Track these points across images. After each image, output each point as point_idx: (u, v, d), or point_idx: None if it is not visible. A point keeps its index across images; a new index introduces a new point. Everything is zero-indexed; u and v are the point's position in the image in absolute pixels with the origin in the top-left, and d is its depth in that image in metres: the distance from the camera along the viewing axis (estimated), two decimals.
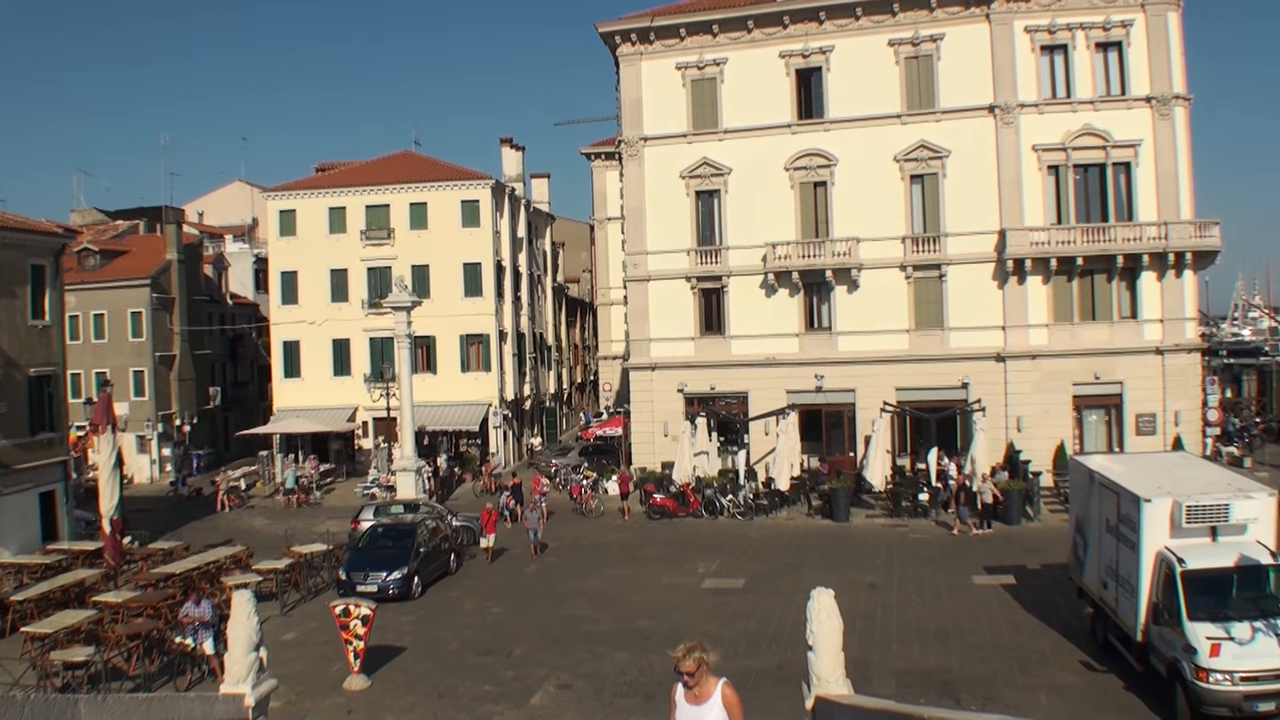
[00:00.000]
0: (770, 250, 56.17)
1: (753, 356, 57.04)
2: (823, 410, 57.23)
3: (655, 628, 32.07)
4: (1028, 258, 54.12)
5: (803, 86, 57.30)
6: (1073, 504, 33.63)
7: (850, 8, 55.91)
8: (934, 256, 55.72)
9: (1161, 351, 54.18)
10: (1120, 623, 27.31)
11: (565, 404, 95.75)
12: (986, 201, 55.23)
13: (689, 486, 52.20)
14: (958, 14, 55.52)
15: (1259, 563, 24.66)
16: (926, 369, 55.40)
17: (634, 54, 58.70)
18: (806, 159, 56.71)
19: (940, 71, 55.85)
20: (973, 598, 35.04)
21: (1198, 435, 54.89)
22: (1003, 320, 55.24)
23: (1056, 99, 55.23)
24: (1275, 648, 22.75)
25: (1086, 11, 54.87)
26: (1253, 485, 27.79)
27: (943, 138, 55.66)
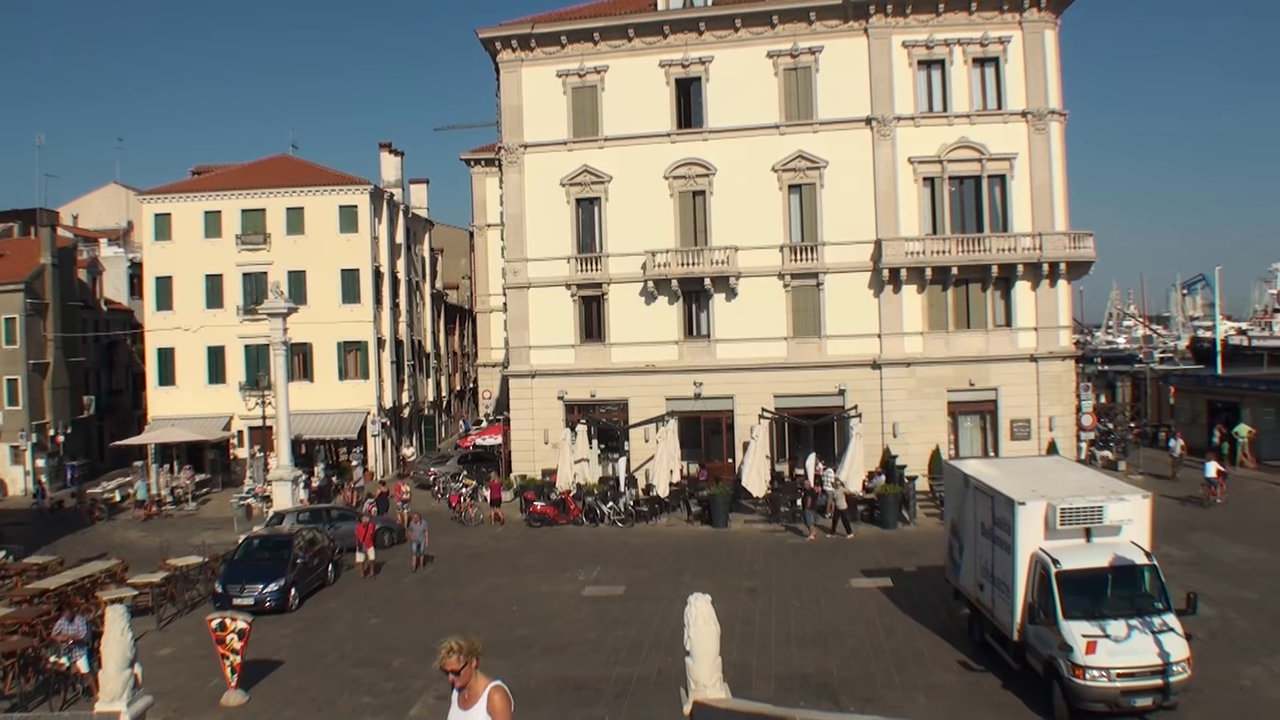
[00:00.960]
0: (650, 258, 56.40)
1: (633, 364, 57.21)
2: (702, 417, 57.53)
3: (535, 636, 31.98)
4: (903, 267, 55.02)
5: (683, 96, 57.63)
6: (948, 508, 34.25)
7: (730, 19, 56.36)
8: (811, 265, 56.32)
9: (1036, 359, 55.46)
10: (997, 623, 27.88)
11: (444, 412, 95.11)
12: (863, 212, 56.00)
13: (569, 494, 52.21)
14: (836, 27, 56.28)
15: (1133, 562, 25.35)
16: (804, 376, 55.99)
17: (515, 60, 58.57)
18: (686, 168, 57.06)
19: (819, 83, 56.53)
20: (851, 601, 35.43)
21: (1072, 440, 56.34)
22: (879, 328, 56.07)
23: (933, 112, 56.26)
24: (1151, 644, 23.46)
25: (964, 28, 55.99)
26: (1126, 488, 28.49)
27: (821, 149, 56.31)
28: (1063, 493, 26.98)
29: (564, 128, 58.25)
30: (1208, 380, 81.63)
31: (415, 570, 42.33)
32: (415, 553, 42.99)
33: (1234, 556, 40.99)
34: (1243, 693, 25.87)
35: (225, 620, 27.76)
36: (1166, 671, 23.25)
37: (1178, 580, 32.42)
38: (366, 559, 41.99)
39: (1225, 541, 43.45)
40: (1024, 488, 27.61)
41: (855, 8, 55.70)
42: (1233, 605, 33.75)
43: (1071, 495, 26.68)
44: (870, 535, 46.91)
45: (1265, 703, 25.17)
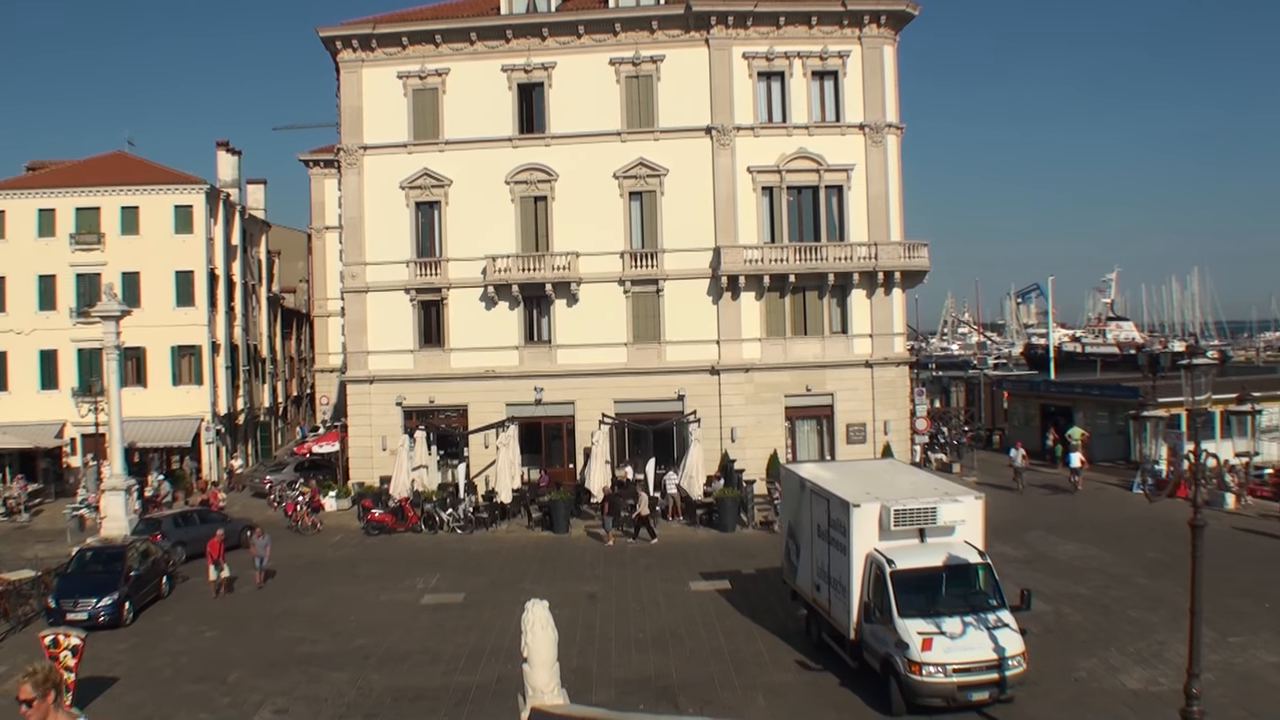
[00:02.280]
0: (491, 263, 56.04)
1: (473, 369, 56.77)
2: (542, 423, 57.34)
3: (374, 646, 31.52)
4: (742, 275, 55.52)
5: (525, 101, 57.42)
6: (785, 510, 34.68)
7: (572, 25, 56.39)
8: (652, 272, 56.60)
9: (871, 365, 56.52)
10: (834, 623, 28.28)
11: (281, 418, 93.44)
12: (703, 219, 56.48)
13: (407, 501, 51.58)
14: (678, 37, 56.64)
15: (967, 561, 26.00)
16: (644, 381, 56.22)
17: (355, 61, 57.79)
18: (527, 173, 56.86)
19: (660, 92, 56.88)
20: (690, 604, 35.63)
21: (907, 443, 57.59)
22: (718, 334, 56.56)
23: (773, 123, 57.01)
24: (986, 640, 24.08)
25: (805, 41, 56.87)
26: (959, 489, 29.23)
27: (662, 156, 56.66)
28: (896, 495, 27.58)
29: (404, 130, 57.60)
30: (1041, 385, 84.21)
31: (259, 586, 40.36)
32: (258, 568, 40.73)
33: (1067, 554, 42.25)
34: (1078, 684, 26.68)
35: (58, 636, 26.84)
36: (1002, 666, 23.94)
37: (1012, 578, 33.33)
38: (219, 576, 39.44)
39: (1059, 539, 44.77)
40: (859, 490, 28.17)
41: (697, 18, 56.13)
42: (1067, 601, 34.78)
43: (905, 497, 27.30)
44: (709, 539, 47.22)
45: (1100, 694, 25.99)
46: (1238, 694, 25.84)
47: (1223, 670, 27.34)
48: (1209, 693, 23.71)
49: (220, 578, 39.31)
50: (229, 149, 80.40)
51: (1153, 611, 33.29)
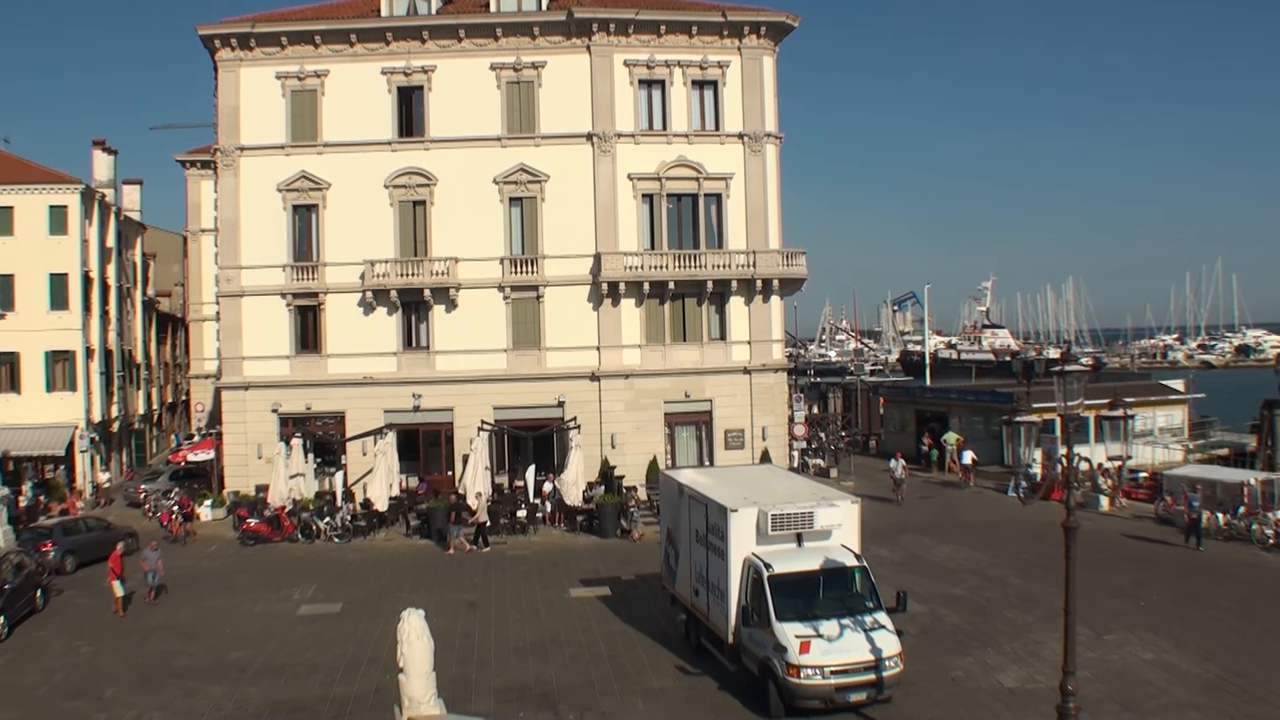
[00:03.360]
0: (369, 268, 55.39)
1: (350, 375, 55.98)
2: (421, 430, 56.77)
3: (250, 659, 31.01)
4: (622, 281, 55.53)
5: (404, 104, 56.83)
6: (664, 516, 34.81)
7: (453, 29, 55.96)
8: (532, 278, 56.32)
9: (749, 371, 56.89)
10: (712, 627, 28.48)
11: (155, 426, 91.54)
12: (584, 226, 56.37)
13: (284, 510, 50.79)
14: (559, 43, 56.54)
15: (843, 565, 26.40)
16: (524, 388, 55.94)
17: (234, 60, 56.66)
18: (406, 177, 56.28)
19: (541, 98, 56.65)
20: (570, 611, 35.68)
21: (785, 449, 57.97)
22: (598, 341, 56.49)
23: (653, 131, 57.10)
24: (863, 642, 24.44)
25: (685, 50, 57.12)
26: (836, 494, 29.60)
27: (542, 162, 56.44)
28: (774, 500, 27.93)
29: (282, 131, 56.61)
30: (916, 391, 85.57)
31: (150, 602, 38.43)
32: (150, 583, 38.77)
33: (942, 556, 42.97)
34: (955, 683, 27.19)
35: None
36: (879, 667, 24.32)
37: (889, 580, 33.82)
38: (124, 594, 37.24)
39: (934, 542, 45.53)
40: (736, 495, 28.47)
41: (578, 25, 56.06)
42: (943, 602, 35.37)
43: (782, 502, 27.66)
44: (589, 545, 47.26)
45: (976, 692, 26.51)
46: (1113, 690, 26.60)
47: (1098, 667, 28.14)
48: (1085, 689, 24.33)
49: (119, 595, 37.17)
50: (105, 148, 78.47)
51: (1028, 611, 34.04)
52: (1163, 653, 29.82)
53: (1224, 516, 46.44)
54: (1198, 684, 27.19)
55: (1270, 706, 25.55)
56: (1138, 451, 65.60)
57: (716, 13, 57.26)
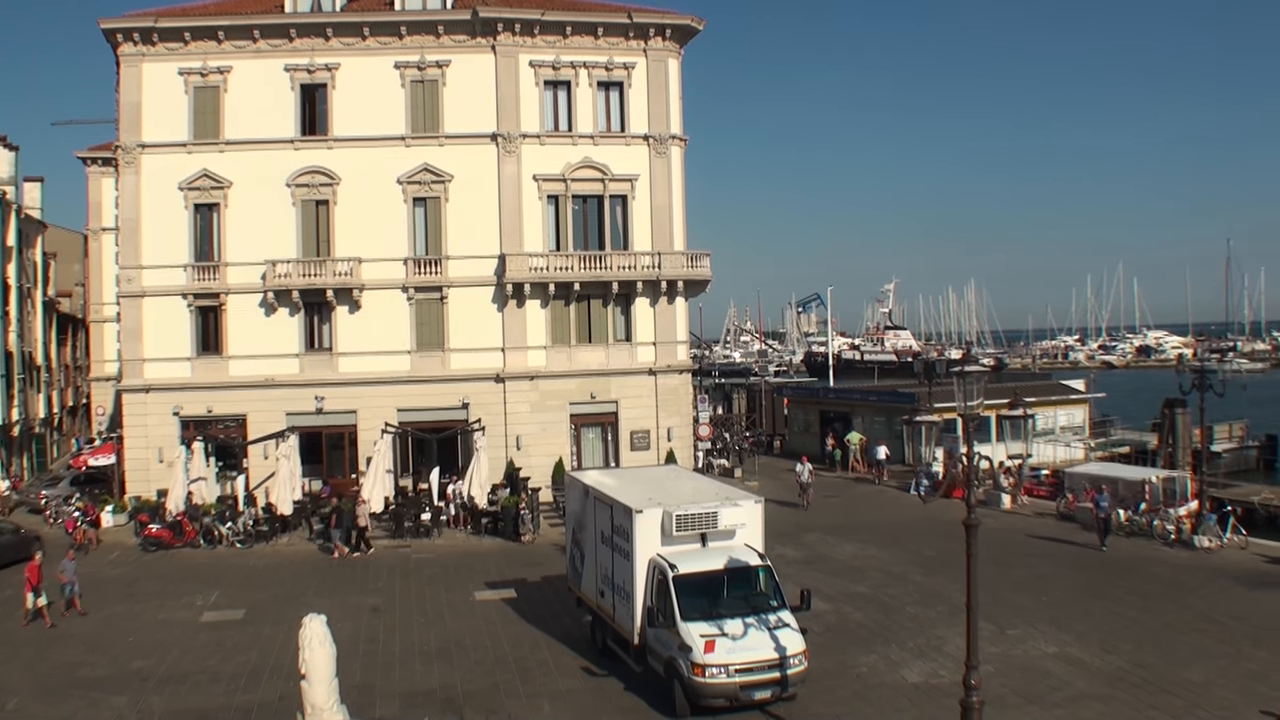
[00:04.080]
0: (271, 268, 54.72)
1: (252, 378, 55.18)
2: (324, 432, 56.18)
3: (153, 668, 30.37)
4: (527, 282, 55.34)
5: (308, 102, 56.20)
6: (569, 518, 34.78)
7: (357, 26, 55.51)
8: (436, 279, 55.96)
9: (655, 373, 57.05)
10: (618, 628, 28.49)
11: (56, 430, 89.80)
12: (488, 227, 56.15)
13: (185, 515, 49.96)
14: (464, 42, 56.26)
15: (748, 564, 26.56)
16: (428, 390, 55.59)
17: (136, 55, 55.53)
18: (310, 176, 55.64)
19: (446, 97, 56.32)
20: (475, 614, 35.47)
21: (690, 450, 58.19)
22: (503, 342, 56.27)
23: (559, 132, 57.07)
24: (767, 640, 24.62)
25: (591, 52, 57.15)
26: (740, 494, 29.77)
27: (447, 162, 56.14)
28: (678, 500, 28.04)
29: (185, 129, 55.62)
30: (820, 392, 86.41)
31: (66, 615, 36.43)
32: (66, 594, 36.80)
33: (846, 554, 43.35)
34: (859, 679, 27.48)
35: None
36: (783, 665, 24.50)
37: (793, 578, 34.00)
38: (35, 604, 35.51)
39: (838, 540, 45.91)
40: (641, 496, 28.52)
41: (483, 24, 55.85)
42: (847, 600, 35.69)
43: (687, 502, 27.79)
44: (495, 547, 46.96)
45: (880, 688, 26.81)
46: (1016, 683, 27.04)
47: (1001, 661, 28.57)
48: (988, 683, 24.65)
49: (37, 605, 35.55)
50: (6, 144, 76.74)
51: (931, 607, 34.46)
52: (1065, 646, 30.37)
53: (1125, 513, 47.27)
54: (1100, 676, 27.74)
55: (1171, 696, 26.11)
56: (1040, 450, 66.89)
57: (622, 14, 57.33)
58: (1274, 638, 31.03)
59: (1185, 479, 51.24)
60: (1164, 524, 45.63)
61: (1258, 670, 28.10)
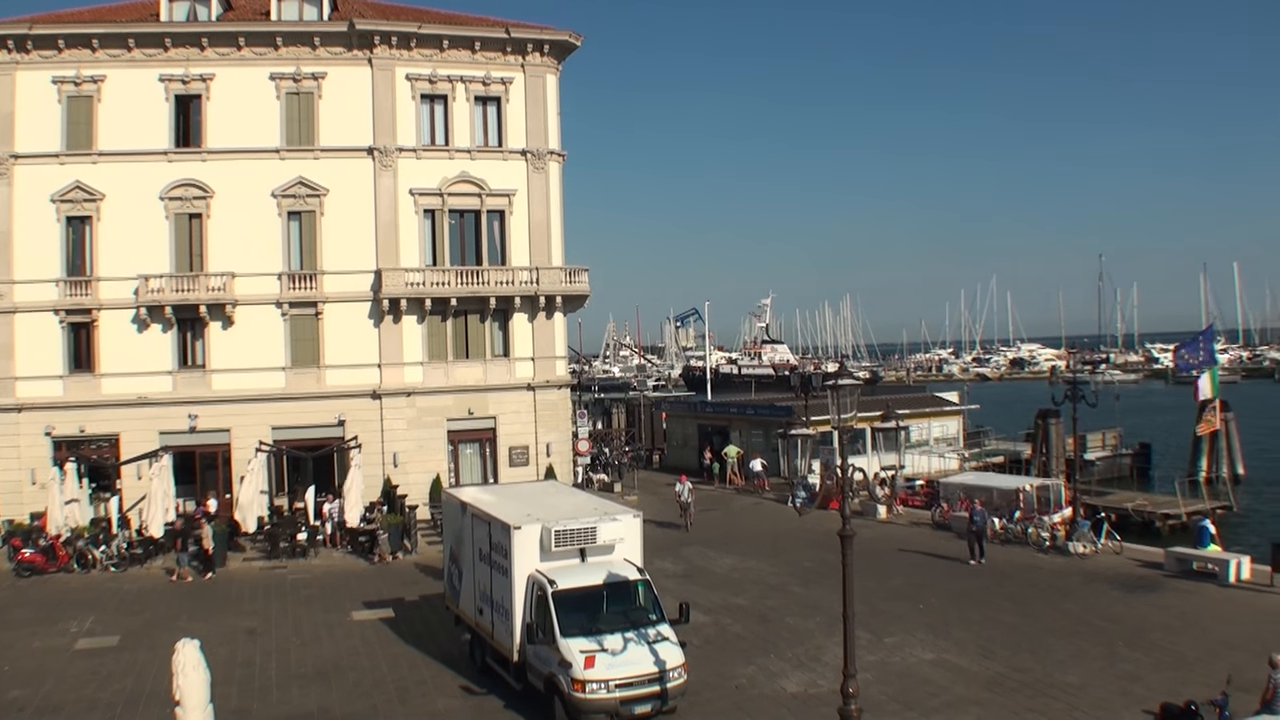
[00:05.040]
0: (144, 283, 53.65)
1: (125, 396, 53.89)
2: (198, 451, 55.04)
3: (28, 698, 29.47)
4: (403, 298, 54.94)
5: (182, 113, 55.21)
6: (447, 535, 34.69)
7: (233, 36, 54.70)
8: (311, 294, 55.28)
9: (533, 388, 57.00)
10: (497, 645, 28.39)
11: None
12: (364, 241, 55.65)
13: (59, 539, 48.72)
14: (340, 54, 55.76)
15: (627, 579, 26.65)
16: (303, 407, 54.88)
17: (9, 63, 54.00)
18: (183, 189, 54.58)
19: (321, 110, 55.72)
20: (352, 634, 35.05)
21: (569, 465, 58.18)
22: (379, 358, 55.78)
23: (436, 146, 56.79)
24: (647, 654, 24.69)
25: (468, 66, 56.98)
26: (619, 508, 29.81)
27: (322, 176, 55.52)
28: (557, 516, 28.04)
29: (57, 139, 54.28)
30: (698, 406, 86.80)
31: None
32: None
33: (725, 567, 43.60)
34: (739, 691, 27.67)
35: None
36: (663, 679, 24.58)
37: (672, 592, 34.19)
38: None
39: (717, 553, 46.18)
40: (520, 512, 28.52)
41: (360, 37, 55.42)
42: (726, 612, 35.90)
43: (565, 518, 27.80)
44: (371, 566, 46.53)
45: (759, 699, 27.04)
46: (895, 690, 27.43)
47: (879, 669, 28.97)
48: (867, 691, 24.99)
49: None
50: None
51: (809, 618, 34.82)
52: (943, 652, 30.88)
53: (1000, 521, 48.11)
54: (978, 681, 28.27)
55: (1049, 699, 26.73)
56: (915, 461, 67.87)
57: (500, 29, 57.22)
58: (1149, 639, 31.89)
59: (1059, 487, 52.28)
60: (1038, 531, 46.55)
61: (1133, 671, 28.85)
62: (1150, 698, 25.94)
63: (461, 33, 56.87)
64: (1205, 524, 44.48)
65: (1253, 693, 24.05)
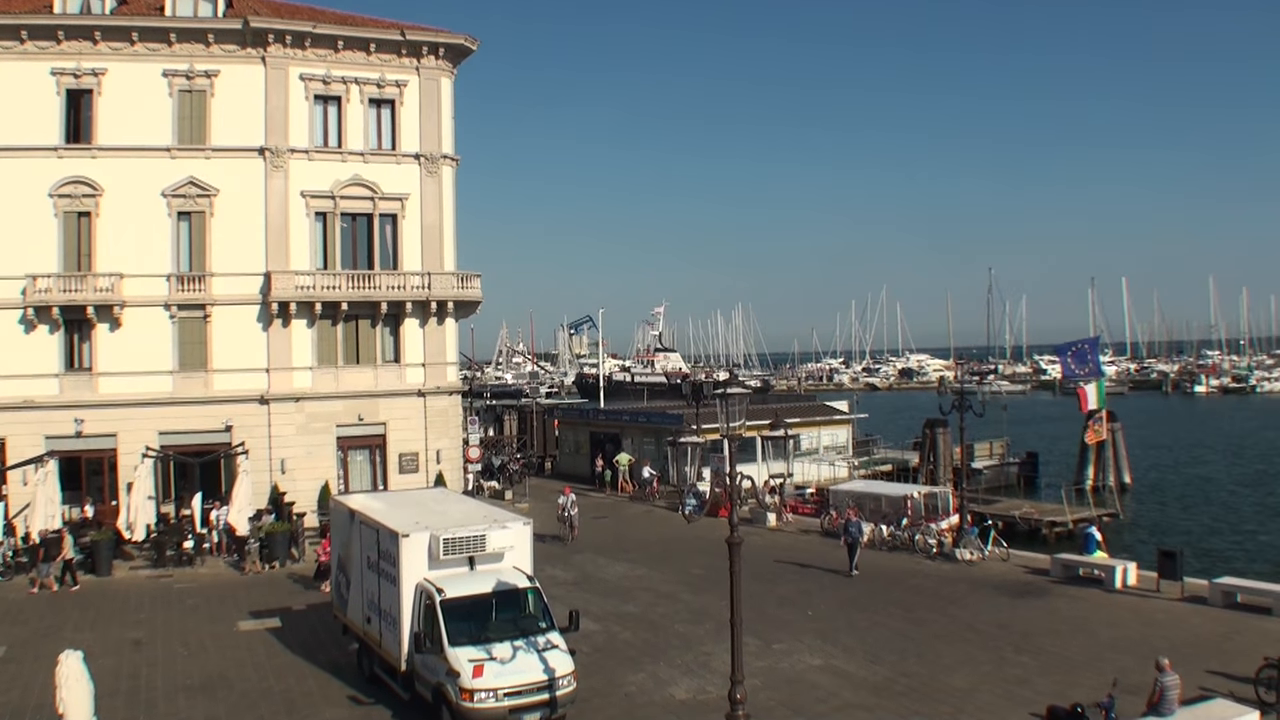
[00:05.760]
0: (30, 283, 52.39)
1: (10, 399, 52.52)
2: (83, 457, 53.76)
3: None
4: (294, 301, 54.36)
5: (73, 108, 53.84)
6: (335, 543, 34.27)
7: (126, 31, 53.53)
8: (200, 296, 54.37)
9: (424, 394, 56.72)
10: (385, 655, 28.20)
11: None
12: (255, 243, 54.89)
13: None
14: (234, 53, 54.98)
15: (516, 586, 26.63)
16: (191, 412, 53.92)
17: None
18: (72, 186, 53.28)
19: (214, 108, 54.82)
20: (239, 645, 34.54)
21: (460, 472, 57.97)
22: (268, 363, 55.06)
23: (328, 148, 56.29)
24: (536, 662, 24.71)
25: (363, 68, 56.62)
26: (508, 516, 29.78)
27: (214, 176, 54.59)
28: (446, 523, 27.96)
29: None
30: (590, 413, 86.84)
31: None
32: None
33: (616, 574, 43.72)
34: (628, 698, 27.77)
35: None
36: (552, 686, 24.60)
37: (563, 600, 34.25)
38: None
39: (607, 561, 46.30)
40: (408, 520, 28.32)
41: (254, 35, 54.71)
42: (616, 619, 35.97)
43: (454, 525, 27.74)
44: (261, 575, 45.93)
45: (649, 706, 27.18)
46: (783, 696, 27.68)
47: (768, 675, 29.25)
48: (756, 697, 25.22)
49: None
50: None
51: (699, 625, 35.02)
52: (831, 658, 31.20)
53: (888, 528, 48.66)
54: (865, 686, 28.59)
55: (936, 703, 27.14)
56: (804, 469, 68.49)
57: (395, 31, 56.93)
58: (1035, 644, 32.49)
59: (947, 495, 53.08)
60: (925, 538, 47.20)
61: (1021, 675, 29.36)
62: (1037, 701, 26.43)
63: (357, 34, 56.48)
64: (1091, 531, 45.39)
65: (1139, 695, 24.74)
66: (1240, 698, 25.71)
